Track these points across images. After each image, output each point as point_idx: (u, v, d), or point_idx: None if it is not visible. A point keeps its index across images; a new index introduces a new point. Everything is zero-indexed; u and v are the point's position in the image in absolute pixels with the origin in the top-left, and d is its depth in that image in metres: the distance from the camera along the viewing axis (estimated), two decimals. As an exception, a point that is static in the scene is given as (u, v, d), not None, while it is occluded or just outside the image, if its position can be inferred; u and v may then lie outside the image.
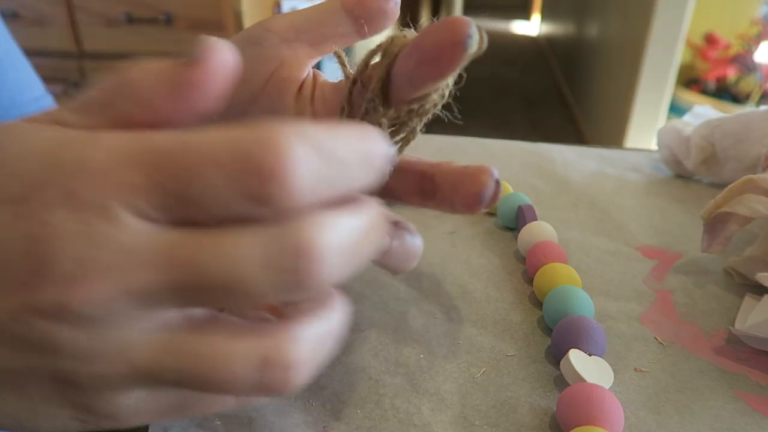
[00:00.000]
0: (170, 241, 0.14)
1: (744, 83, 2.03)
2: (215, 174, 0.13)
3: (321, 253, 0.14)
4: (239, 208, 0.13)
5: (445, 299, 0.29)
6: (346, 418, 0.22)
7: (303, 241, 0.13)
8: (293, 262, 0.13)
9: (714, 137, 0.42)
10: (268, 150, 0.13)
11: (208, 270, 0.13)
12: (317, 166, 0.14)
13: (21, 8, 1.47)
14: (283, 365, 0.14)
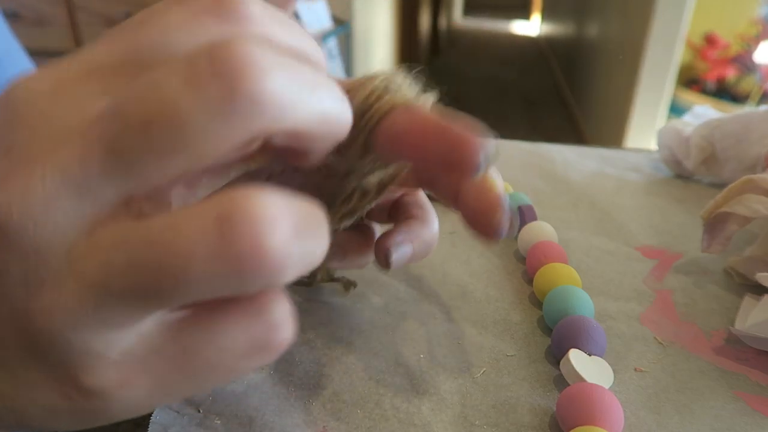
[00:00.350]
0: (94, 107, 0.12)
1: (744, 83, 2.03)
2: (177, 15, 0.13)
3: (247, 55, 0.12)
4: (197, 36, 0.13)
5: (445, 299, 0.29)
6: (346, 418, 0.22)
7: (228, 45, 0.12)
8: (216, 66, 0.11)
9: (714, 137, 0.42)
10: None
11: (127, 107, 0.12)
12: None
13: (21, 8, 1.47)
14: (247, 217, 0.11)
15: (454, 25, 5.80)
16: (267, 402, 0.22)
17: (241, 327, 0.13)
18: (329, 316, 0.27)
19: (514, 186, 0.41)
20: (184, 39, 0.13)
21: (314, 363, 0.24)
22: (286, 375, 0.24)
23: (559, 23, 4.39)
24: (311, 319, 0.27)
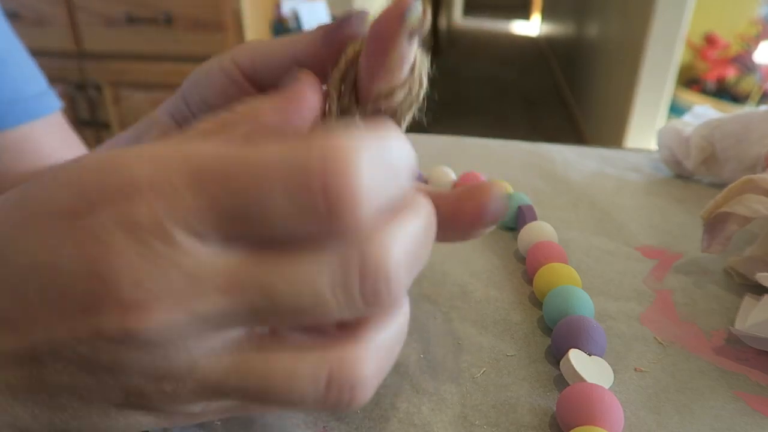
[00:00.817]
0: (234, 264, 0.13)
1: (744, 83, 2.03)
2: (275, 194, 0.12)
3: (391, 271, 0.13)
4: (303, 227, 0.13)
5: (445, 299, 0.29)
6: (346, 418, 0.22)
7: (373, 260, 0.13)
8: (365, 284, 0.13)
9: (714, 137, 0.42)
10: (333, 168, 0.12)
11: (277, 294, 0.13)
12: (380, 179, 0.13)
13: (21, 8, 1.47)
14: (350, 382, 0.14)
15: (454, 25, 5.80)
16: (267, 402, 0.22)
17: None
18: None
19: (514, 186, 0.41)
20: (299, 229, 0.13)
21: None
22: (286, 375, 0.24)
23: (559, 23, 4.39)
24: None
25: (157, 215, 0.13)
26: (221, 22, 1.40)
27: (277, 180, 0.12)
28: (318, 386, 0.14)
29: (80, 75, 1.55)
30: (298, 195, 0.12)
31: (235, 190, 0.13)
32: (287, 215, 0.13)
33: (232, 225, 0.13)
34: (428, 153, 0.46)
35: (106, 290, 0.13)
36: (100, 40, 1.48)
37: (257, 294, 0.13)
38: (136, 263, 0.13)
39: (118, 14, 1.43)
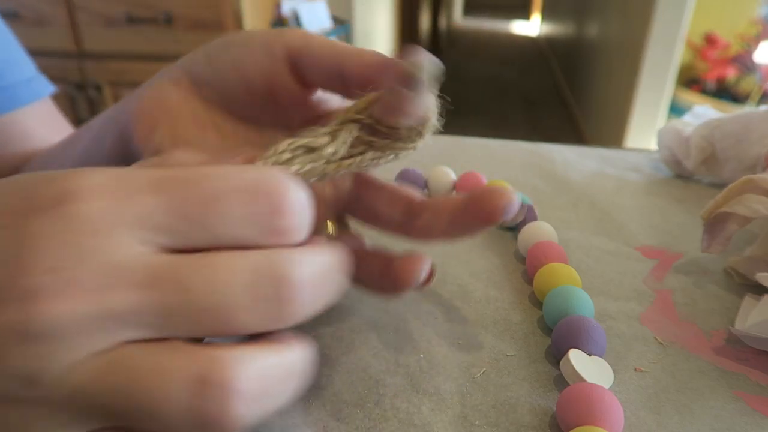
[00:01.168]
0: (159, 262, 0.14)
1: (744, 83, 2.03)
2: (234, 202, 0.14)
3: (297, 281, 0.15)
4: (248, 236, 0.15)
5: (445, 299, 0.29)
6: (346, 418, 0.22)
7: (285, 268, 0.14)
8: (274, 289, 0.14)
9: (714, 137, 0.42)
10: (278, 188, 0.15)
11: (192, 290, 0.14)
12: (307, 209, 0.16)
13: (21, 8, 1.47)
14: (222, 387, 0.13)
15: (454, 25, 5.80)
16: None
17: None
18: (329, 316, 0.27)
19: (514, 186, 0.41)
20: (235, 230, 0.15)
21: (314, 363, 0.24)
22: (286, 375, 0.24)
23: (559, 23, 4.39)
24: (311, 319, 0.27)
25: (97, 213, 0.14)
26: (221, 22, 1.40)
27: (238, 190, 0.14)
28: (186, 384, 0.13)
29: (80, 75, 1.55)
30: (252, 205, 0.14)
31: (197, 197, 0.14)
32: (238, 223, 0.14)
33: (184, 229, 0.14)
34: (428, 153, 0.46)
35: (17, 275, 0.13)
36: (100, 40, 1.48)
37: (173, 289, 0.14)
38: (58, 252, 0.13)
39: (118, 14, 1.43)
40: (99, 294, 0.13)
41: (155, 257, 0.14)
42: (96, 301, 0.13)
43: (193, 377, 0.13)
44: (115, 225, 0.14)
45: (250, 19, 1.43)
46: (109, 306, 0.13)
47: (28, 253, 0.13)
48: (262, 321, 0.14)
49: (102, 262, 0.13)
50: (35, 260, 0.13)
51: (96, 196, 0.14)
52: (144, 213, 0.14)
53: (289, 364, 0.15)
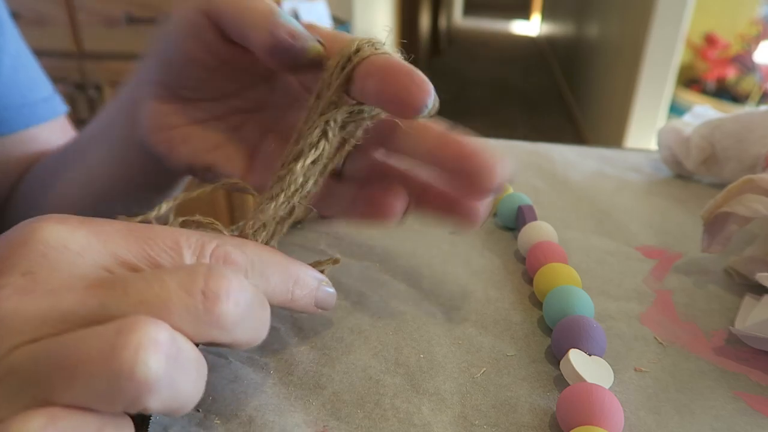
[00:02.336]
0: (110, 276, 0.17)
1: (744, 83, 2.03)
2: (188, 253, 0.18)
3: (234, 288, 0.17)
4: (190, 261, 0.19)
5: (445, 299, 0.29)
6: (346, 418, 0.22)
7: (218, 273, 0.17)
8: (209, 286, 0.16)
9: (714, 137, 0.42)
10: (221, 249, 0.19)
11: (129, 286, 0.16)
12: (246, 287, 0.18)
13: (21, 8, 1.47)
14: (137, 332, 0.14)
15: (454, 25, 5.79)
16: (267, 402, 0.22)
17: None
18: (329, 316, 0.27)
19: (514, 186, 0.41)
20: None
21: (314, 363, 0.24)
22: (286, 375, 0.24)
23: (559, 23, 4.39)
24: (311, 319, 0.27)
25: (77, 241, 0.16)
26: (221, 22, 1.40)
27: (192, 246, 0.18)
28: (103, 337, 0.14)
29: (80, 75, 1.55)
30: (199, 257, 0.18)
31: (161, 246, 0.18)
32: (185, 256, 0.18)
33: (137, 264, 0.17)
34: (428, 153, 0.46)
35: None
36: (100, 40, 1.48)
37: (115, 288, 0.16)
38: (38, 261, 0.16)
39: (118, 14, 1.43)
40: (55, 293, 0.15)
41: (108, 274, 0.17)
42: (50, 298, 0.15)
43: (111, 331, 0.14)
44: (85, 251, 0.16)
45: (250, 19, 1.43)
46: (58, 301, 0.15)
47: (5, 261, 0.16)
48: (195, 316, 0.16)
49: (68, 274, 0.16)
50: (12, 265, 0.16)
51: (74, 228, 0.17)
52: (115, 249, 0.17)
53: (196, 355, 0.16)
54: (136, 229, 0.18)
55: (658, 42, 1.87)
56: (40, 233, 0.16)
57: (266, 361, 0.24)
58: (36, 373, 0.14)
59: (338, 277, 0.30)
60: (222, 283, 0.16)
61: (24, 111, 0.39)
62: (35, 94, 0.40)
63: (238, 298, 0.17)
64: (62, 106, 0.43)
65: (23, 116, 0.39)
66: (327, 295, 0.23)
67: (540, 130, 3.05)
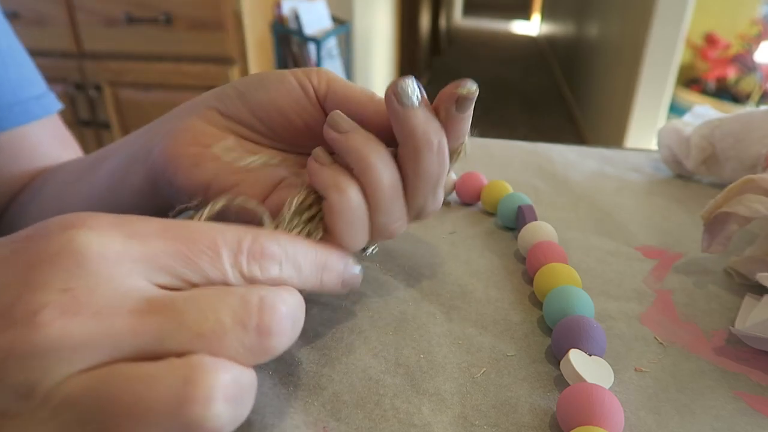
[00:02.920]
0: (162, 294, 0.16)
1: (744, 83, 2.03)
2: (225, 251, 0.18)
3: (281, 318, 0.17)
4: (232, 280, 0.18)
5: (445, 299, 0.29)
6: (346, 418, 0.22)
7: (269, 301, 0.17)
8: (261, 318, 0.16)
9: (714, 137, 0.42)
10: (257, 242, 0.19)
11: (186, 318, 0.15)
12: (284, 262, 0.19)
13: (21, 8, 1.47)
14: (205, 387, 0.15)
15: (454, 25, 5.79)
16: (267, 402, 0.22)
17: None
18: (329, 317, 0.27)
19: (514, 186, 0.41)
20: None
21: (314, 363, 0.24)
22: (286, 375, 0.24)
23: (559, 23, 4.39)
24: (311, 319, 0.27)
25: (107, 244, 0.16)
26: (221, 22, 1.40)
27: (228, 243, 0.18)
28: (172, 387, 0.14)
29: (80, 75, 1.55)
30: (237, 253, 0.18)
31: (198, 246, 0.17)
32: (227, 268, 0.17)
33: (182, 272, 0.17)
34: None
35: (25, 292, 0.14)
36: (100, 40, 1.48)
37: (168, 316, 0.15)
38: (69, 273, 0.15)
39: (118, 14, 1.43)
40: (102, 316, 0.14)
41: (155, 291, 0.16)
42: (99, 322, 0.14)
43: (179, 379, 0.14)
44: (124, 259, 0.16)
45: (250, 19, 1.43)
46: (109, 328, 0.14)
47: (39, 273, 0.15)
48: (250, 350, 0.16)
49: (110, 289, 0.15)
50: (47, 279, 0.14)
51: (107, 232, 0.16)
52: (152, 253, 0.16)
53: (252, 381, 0.17)
54: (172, 228, 0.17)
55: (658, 42, 1.87)
56: (73, 240, 0.15)
57: (266, 362, 0.24)
58: (97, 409, 0.14)
59: (338, 277, 0.30)
60: (274, 318, 0.16)
61: (15, 108, 0.39)
62: (27, 92, 0.40)
63: (287, 328, 0.17)
64: (56, 104, 0.43)
65: (14, 114, 0.39)
66: (353, 276, 0.23)
67: (540, 130, 3.05)
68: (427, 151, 0.23)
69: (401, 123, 0.23)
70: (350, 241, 0.23)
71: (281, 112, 0.26)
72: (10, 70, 0.39)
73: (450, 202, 0.40)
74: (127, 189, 0.28)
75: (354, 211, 0.23)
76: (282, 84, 0.25)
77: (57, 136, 0.43)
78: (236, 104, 0.26)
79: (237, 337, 0.16)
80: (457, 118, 0.24)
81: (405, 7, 3.08)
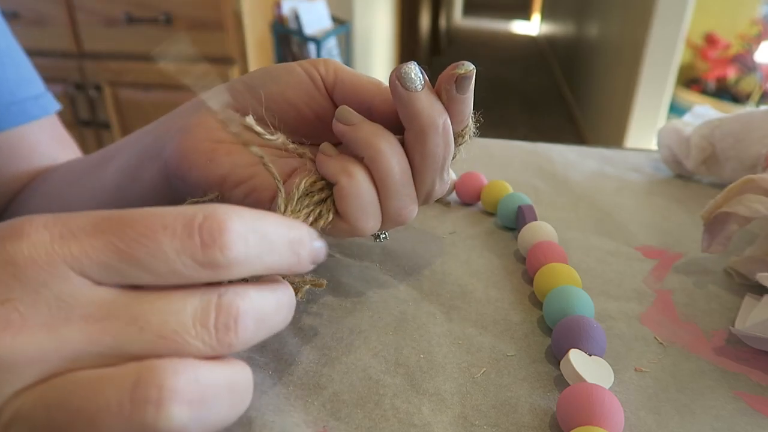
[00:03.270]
0: (111, 296, 0.15)
1: (744, 83, 2.03)
2: (166, 237, 0.15)
3: (240, 313, 0.16)
4: (183, 270, 0.15)
5: (445, 299, 0.29)
6: (346, 418, 0.22)
7: (227, 300, 0.16)
8: (219, 318, 0.16)
9: (714, 137, 0.42)
10: (212, 221, 0.15)
11: (146, 322, 0.15)
12: (250, 240, 0.16)
13: (21, 8, 1.47)
14: (157, 387, 0.14)
15: (454, 25, 5.79)
16: (267, 402, 0.22)
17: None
18: (329, 317, 0.27)
19: (514, 186, 0.41)
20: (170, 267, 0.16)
21: (314, 363, 0.24)
22: (286, 375, 0.24)
23: (559, 23, 4.39)
24: (311, 319, 0.27)
25: (39, 249, 0.14)
26: (221, 22, 1.40)
27: (167, 226, 0.15)
28: (123, 389, 0.14)
29: (80, 75, 1.54)
30: (183, 239, 0.15)
31: (131, 234, 0.15)
32: (172, 257, 0.15)
33: (122, 266, 0.15)
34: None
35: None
36: (100, 40, 1.48)
37: (126, 321, 0.15)
38: (5, 284, 0.14)
39: (118, 14, 1.43)
40: (52, 327, 0.14)
41: (104, 292, 0.15)
42: (50, 334, 0.14)
43: (129, 381, 0.14)
44: (56, 260, 0.14)
45: (250, 19, 1.43)
46: (62, 338, 0.14)
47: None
48: (211, 344, 0.15)
49: (51, 295, 0.14)
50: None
51: (37, 235, 0.15)
52: (83, 251, 0.15)
53: (226, 379, 0.16)
54: (105, 219, 0.15)
55: (658, 42, 1.87)
56: (3, 251, 0.14)
57: (266, 361, 0.24)
58: (49, 422, 0.14)
59: (338, 277, 0.30)
60: (231, 314, 0.16)
61: (12, 109, 0.39)
62: (25, 92, 0.40)
63: (248, 326, 0.16)
64: (54, 104, 0.43)
65: (11, 114, 0.39)
66: (320, 249, 0.21)
67: (540, 130, 3.05)
68: (433, 133, 0.24)
69: (406, 106, 0.23)
70: (362, 225, 0.23)
71: (291, 103, 0.26)
72: (8, 70, 0.39)
73: (450, 202, 0.40)
74: (138, 186, 0.28)
75: (364, 195, 0.23)
76: (291, 76, 0.26)
77: (55, 137, 0.43)
78: (246, 98, 0.26)
79: (198, 336, 0.15)
80: (458, 99, 0.24)
81: (405, 7, 3.08)
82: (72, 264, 0.15)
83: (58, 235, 0.15)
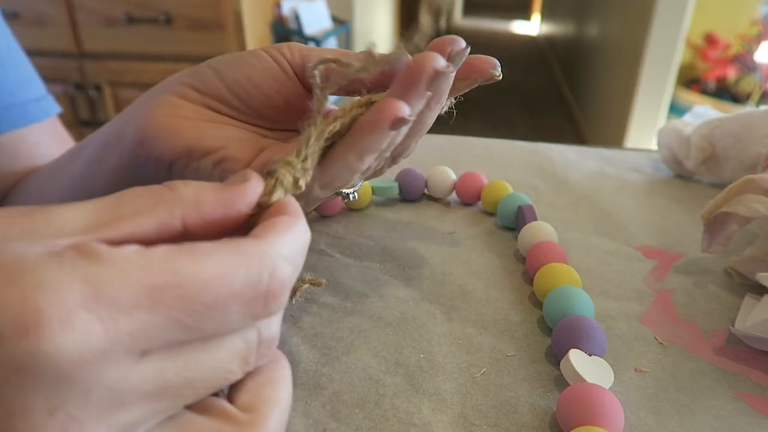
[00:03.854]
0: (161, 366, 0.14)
1: (744, 83, 2.03)
2: (235, 305, 0.14)
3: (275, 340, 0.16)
4: (239, 326, 0.15)
5: (445, 299, 0.29)
6: (346, 418, 0.22)
7: (267, 338, 0.16)
8: (260, 353, 0.16)
9: (714, 137, 0.42)
10: (277, 282, 0.15)
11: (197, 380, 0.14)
12: (295, 266, 0.16)
13: (21, 8, 1.47)
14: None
15: (454, 25, 5.79)
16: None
17: None
18: (329, 317, 0.27)
19: (514, 186, 0.41)
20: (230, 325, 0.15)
21: (314, 363, 0.24)
22: (286, 375, 0.24)
23: (559, 23, 4.39)
24: (311, 319, 0.27)
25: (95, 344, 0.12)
26: (221, 22, 1.40)
27: (237, 296, 0.14)
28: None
29: (80, 75, 1.55)
30: (250, 304, 0.14)
31: (200, 309, 0.13)
32: (236, 320, 0.14)
33: (182, 335, 0.13)
34: (428, 153, 0.46)
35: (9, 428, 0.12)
36: (100, 40, 1.48)
37: (182, 386, 0.14)
38: (57, 388, 0.12)
39: (118, 14, 1.43)
40: (110, 420, 0.13)
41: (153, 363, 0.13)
42: (109, 429, 0.13)
43: None
44: (111, 352, 0.12)
45: (250, 19, 1.43)
46: (122, 426, 0.13)
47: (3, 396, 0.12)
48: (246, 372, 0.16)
49: (102, 388, 0.12)
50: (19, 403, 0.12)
51: (82, 324, 0.12)
52: (143, 331, 0.13)
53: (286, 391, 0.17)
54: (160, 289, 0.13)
55: (658, 42, 1.87)
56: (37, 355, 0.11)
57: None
58: None
59: (338, 277, 0.30)
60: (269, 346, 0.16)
61: (13, 111, 0.39)
62: (25, 94, 0.40)
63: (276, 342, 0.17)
64: (54, 107, 0.43)
65: (12, 116, 0.39)
66: None
67: (540, 130, 3.05)
68: None
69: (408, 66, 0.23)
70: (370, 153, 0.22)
71: (260, 89, 0.26)
72: (9, 71, 0.39)
73: (450, 202, 0.40)
74: (101, 174, 0.28)
75: None
76: (258, 61, 0.26)
77: (56, 138, 0.43)
78: (213, 81, 0.26)
79: (242, 371, 0.16)
80: None
81: (405, 7, 3.08)
82: (130, 349, 0.12)
83: (108, 318, 0.12)
